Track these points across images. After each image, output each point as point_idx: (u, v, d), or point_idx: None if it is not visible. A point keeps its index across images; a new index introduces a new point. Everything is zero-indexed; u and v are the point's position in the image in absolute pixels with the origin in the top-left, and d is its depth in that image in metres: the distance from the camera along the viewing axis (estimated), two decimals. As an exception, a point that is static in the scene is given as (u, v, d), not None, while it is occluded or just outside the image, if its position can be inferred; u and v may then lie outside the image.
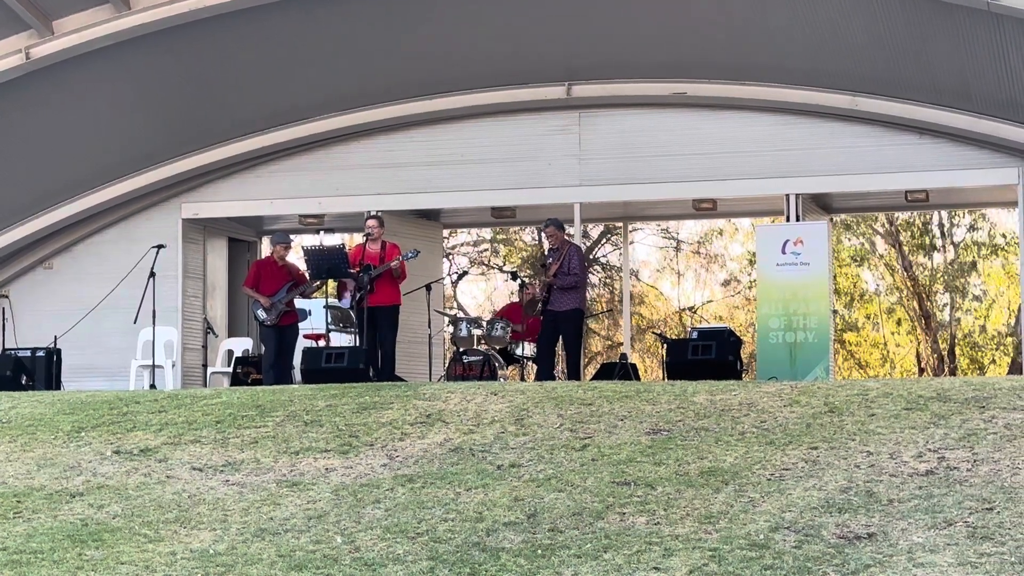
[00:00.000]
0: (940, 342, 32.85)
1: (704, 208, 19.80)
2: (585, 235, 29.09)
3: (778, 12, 17.18)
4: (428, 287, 17.69)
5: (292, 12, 17.58)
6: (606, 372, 17.54)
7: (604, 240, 35.19)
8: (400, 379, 15.71)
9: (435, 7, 17.87)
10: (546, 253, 17.05)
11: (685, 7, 17.52)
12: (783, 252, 17.71)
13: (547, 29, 18.06)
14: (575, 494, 9.04)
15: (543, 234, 17.82)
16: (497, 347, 17.43)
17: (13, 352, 17.41)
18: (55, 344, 17.92)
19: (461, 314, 19.21)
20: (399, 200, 19.60)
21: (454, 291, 22.41)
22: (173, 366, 18.71)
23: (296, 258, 17.63)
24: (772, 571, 7.51)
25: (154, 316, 16.99)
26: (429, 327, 17.93)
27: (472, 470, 9.76)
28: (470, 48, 18.56)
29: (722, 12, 17.44)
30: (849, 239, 33.10)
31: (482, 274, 37.08)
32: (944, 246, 33.07)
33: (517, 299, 18.78)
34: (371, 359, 15.62)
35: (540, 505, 8.88)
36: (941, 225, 32.67)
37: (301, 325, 17.09)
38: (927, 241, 32.58)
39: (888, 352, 34.35)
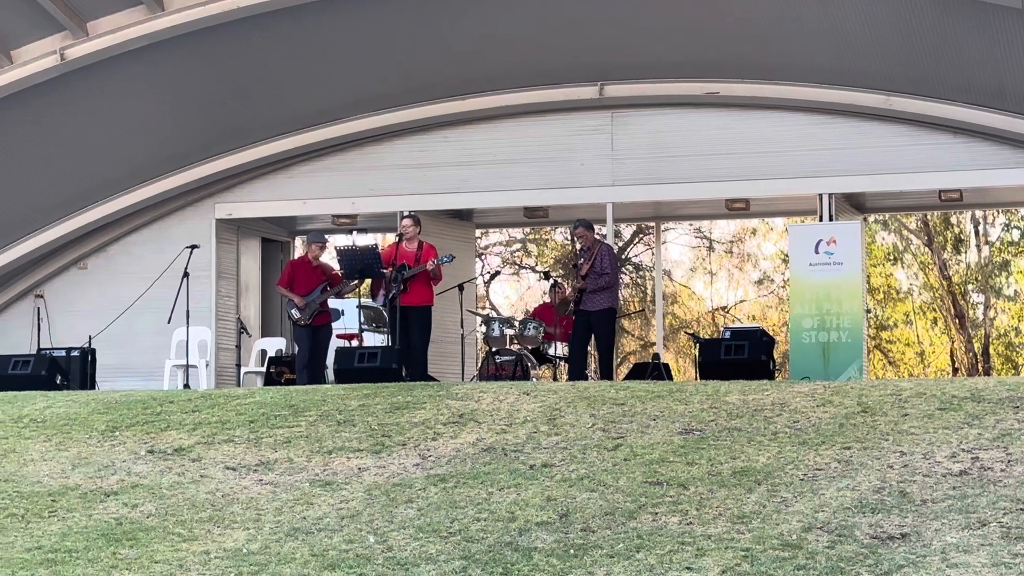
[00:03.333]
0: (974, 341, 32.68)
1: (737, 208, 19.75)
2: (617, 235, 29.11)
3: (811, 11, 17.14)
4: (460, 287, 17.71)
5: (325, 13, 17.62)
6: (639, 372, 17.52)
7: (636, 240, 35.15)
8: (432, 379, 15.72)
9: (468, 7, 17.89)
10: (577, 253, 17.03)
11: (717, 7, 17.49)
12: (816, 252, 17.64)
13: (580, 29, 18.05)
14: (607, 494, 9.04)
15: (574, 235, 17.81)
16: (529, 347, 17.44)
17: (48, 352, 17.44)
18: (89, 344, 17.99)
19: (494, 314, 19.21)
20: (432, 200, 19.61)
21: (487, 291, 22.41)
22: (207, 366, 18.80)
23: (329, 258, 17.63)
24: (805, 571, 7.50)
25: (188, 316, 17.03)
26: (462, 327, 17.96)
27: (504, 470, 9.77)
28: (503, 48, 18.57)
29: (755, 12, 17.40)
30: (884, 238, 32.94)
31: (515, 274, 37.08)
32: (979, 244, 32.87)
33: (549, 299, 18.78)
34: (403, 359, 15.64)
35: (572, 505, 8.88)
36: (976, 223, 32.48)
37: (334, 325, 17.11)
38: (952, 236, 32.34)
39: (922, 351, 34.18)
